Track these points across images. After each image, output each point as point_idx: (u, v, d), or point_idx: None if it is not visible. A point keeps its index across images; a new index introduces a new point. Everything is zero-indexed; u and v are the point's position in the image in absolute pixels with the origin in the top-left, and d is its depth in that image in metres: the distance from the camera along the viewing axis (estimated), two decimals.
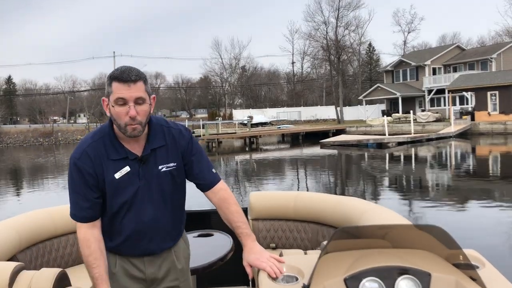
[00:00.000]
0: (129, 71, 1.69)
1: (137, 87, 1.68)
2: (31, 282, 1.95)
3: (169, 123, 1.89)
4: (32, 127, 54.41)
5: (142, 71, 1.76)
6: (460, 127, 29.89)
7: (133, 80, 1.68)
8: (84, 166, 1.74)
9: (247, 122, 41.50)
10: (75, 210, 1.77)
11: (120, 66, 1.74)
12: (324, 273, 1.58)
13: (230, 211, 1.90)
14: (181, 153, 1.87)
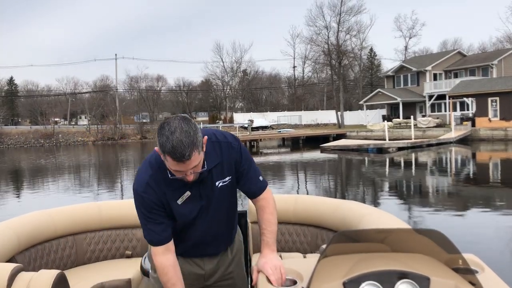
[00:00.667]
0: (181, 149, 1.61)
1: (191, 161, 1.65)
2: (29, 284, 1.94)
3: (218, 137, 1.91)
4: (33, 128, 54.43)
5: (194, 136, 1.64)
6: (461, 133, 29.87)
7: (187, 158, 1.64)
8: (149, 197, 1.83)
9: (247, 126, 41.51)
10: (151, 236, 1.87)
11: (167, 131, 1.62)
12: (323, 276, 1.58)
13: (262, 218, 2.02)
14: (234, 165, 1.94)
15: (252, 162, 2.00)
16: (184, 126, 1.63)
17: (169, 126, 1.63)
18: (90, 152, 35.93)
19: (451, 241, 1.56)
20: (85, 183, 16.22)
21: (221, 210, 1.98)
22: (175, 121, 1.64)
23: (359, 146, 26.43)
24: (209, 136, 1.86)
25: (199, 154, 1.67)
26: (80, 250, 3.38)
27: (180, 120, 1.66)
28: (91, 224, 3.44)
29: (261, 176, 2.01)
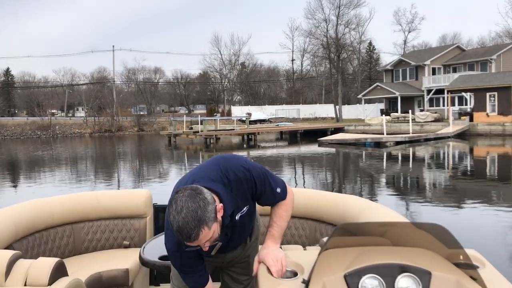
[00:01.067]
0: (187, 230, 1.58)
1: (200, 239, 1.63)
2: (28, 271, 1.94)
3: (230, 178, 1.86)
4: (30, 119, 54.26)
5: (202, 214, 1.60)
6: (459, 128, 29.91)
7: (194, 239, 1.62)
8: (183, 254, 1.85)
9: (245, 119, 41.48)
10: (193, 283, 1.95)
11: (176, 214, 1.59)
12: (324, 269, 1.57)
13: (275, 212, 2.05)
14: (250, 194, 1.96)
15: (267, 178, 1.97)
16: (191, 205, 1.59)
17: (176, 205, 1.60)
18: (87, 144, 35.86)
19: (453, 236, 1.55)
20: (83, 174, 16.17)
21: (243, 231, 2.09)
22: (182, 198, 1.60)
23: (357, 140, 26.45)
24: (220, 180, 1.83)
25: (210, 229, 1.63)
26: (78, 239, 3.38)
27: (188, 197, 1.61)
28: (88, 214, 3.44)
29: (279, 187, 2.00)
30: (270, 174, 2.01)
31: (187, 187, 1.66)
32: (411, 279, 1.49)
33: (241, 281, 2.25)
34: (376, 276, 1.49)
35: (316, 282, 1.53)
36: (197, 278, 1.94)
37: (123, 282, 3.04)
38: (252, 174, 1.90)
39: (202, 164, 1.96)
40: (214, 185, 1.78)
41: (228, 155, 1.95)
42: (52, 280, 1.95)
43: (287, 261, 1.86)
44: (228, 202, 1.81)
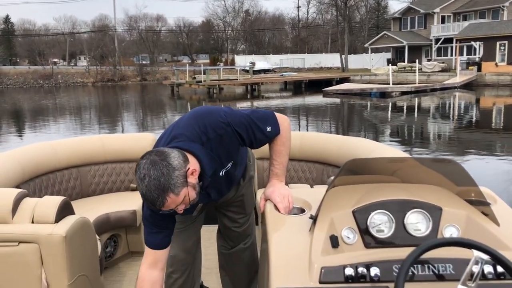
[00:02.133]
0: (152, 198, 1.50)
1: (166, 205, 1.54)
2: (34, 209, 1.95)
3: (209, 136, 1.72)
4: (31, 68, 53.81)
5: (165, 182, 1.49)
6: (466, 78, 29.42)
7: (160, 206, 1.53)
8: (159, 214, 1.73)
9: (249, 69, 40.91)
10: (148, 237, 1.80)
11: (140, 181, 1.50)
12: (332, 205, 1.55)
13: (273, 149, 1.95)
14: (236, 146, 1.83)
15: (252, 123, 1.82)
16: (153, 173, 1.48)
17: (140, 172, 1.50)
18: (91, 93, 35.72)
19: (466, 171, 1.52)
20: (87, 123, 16.21)
21: (232, 181, 2.00)
22: (145, 166, 1.50)
23: (362, 90, 26.16)
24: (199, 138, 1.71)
25: (178, 195, 1.53)
26: (85, 182, 3.42)
27: (150, 164, 1.50)
28: (94, 157, 3.47)
29: (268, 126, 1.86)
30: (256, 115, 1.85)
31: (152, 152, 1.55)
32: (421, 215, 1.47)
33: (237, 219, 2.23)
34: (385, 212, 1.47)
35: (323, 218, 1.51)
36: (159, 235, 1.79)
37: (130, 223, 3.09)
38: (233, 127, 1.78)
39: (182, 118, 1.82)
40: (191, 146, 1.67)
41: (206, 109, 1.80)
42: (59, 218, 1.96)
43: (294, 198, 1.84)
44: (207, 163, 1.71)
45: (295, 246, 1.46)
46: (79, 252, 2.03)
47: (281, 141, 1.94)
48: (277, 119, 1.90)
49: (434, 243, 1.22)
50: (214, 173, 1.79)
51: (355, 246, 1.45)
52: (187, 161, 1.58)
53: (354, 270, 1.32)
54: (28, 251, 1.87)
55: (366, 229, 1.46)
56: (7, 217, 1.90)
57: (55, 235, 1.87)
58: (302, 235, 1.52)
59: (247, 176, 2.18)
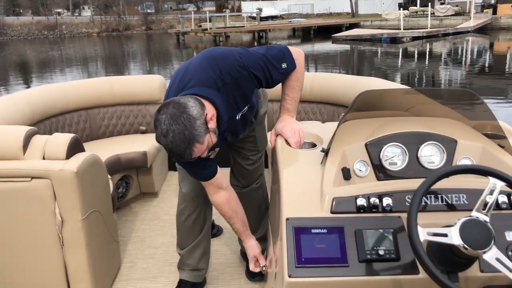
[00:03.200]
0: (180, 151, 1.51)
1: (194, 155, 1.56)
2: (45, 145, 1.97)
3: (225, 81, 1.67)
4: (35, 19, 52.81)
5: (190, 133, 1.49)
6: (480, 21, 28.44)
7: (188, 158, 1.56)
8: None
9: (256, 16, 39.81)
10: (202, 174, 1.86)
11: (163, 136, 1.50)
12: (344, 139, 1.54)
13: (286, 84, 1.90)
14: (253, 88, 1.80)
15: (268, 63, 1.76)
16: (176, 127, 1.48)
17: (161, 128, 1.49)
18: (96, 44, 35.22)
19: (485, 103, 1.48)
20: (94, 72, 16.12)
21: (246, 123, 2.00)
22: (166, 121, 1.49)
23: (372, 36, 25.49)
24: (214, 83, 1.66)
25: (203, 143, 1.54)
26: (94, 124, 3.44)
27: (171, 119, 1.48)
28: (103, 99, 3.47)
29: (284, 63, 1.81)
30: (272, 53, 1.79)
31: (169, 104, 1.51)
32: (435, 147, 1.46)
33: (249, 156, 2.25)
34: (399, 144, 1.45)
35: (335, 151, 1.50)
36: (206, 169, 1.87)
37: (141, 164, 3.13)
38: (249, 70, 1.72)
39: (192, 61, 1.74)
40: (207, 92, 1.64)
41: (220, 51, 1.72)
42: (70, 155, 1.98)
43: (305, 133, 1.83)
44: (223, 109, 1.69)
45: (306, 179, 1.46)
46: (91, 188, 2.06)
47: (295, 76, 1.88)
48: (292, 54, 1.84)
49: (448, 171, 1.20)
50: (230, 117, 1.79)
51: (367, 178, 1.45)
52: (203, 107, 1.56)
53: (366, 201, 1.33)
54: (41, 187, 1.91)
55: (378, 162, 1.46)
56: (18, 153, 1.92)
57: (67, 171, 1.90)
58: (314, 168, 1.52)
59: (259, 114, 2.17)
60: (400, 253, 1.27)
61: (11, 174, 1.90)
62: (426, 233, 1.14)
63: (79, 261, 2.04)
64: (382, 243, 1.27)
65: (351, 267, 1.25)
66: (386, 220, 1.31)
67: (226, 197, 1.94)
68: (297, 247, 1.27)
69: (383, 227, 1.30)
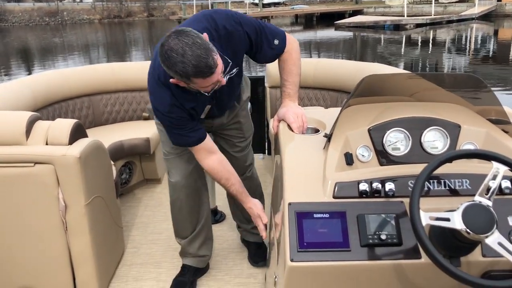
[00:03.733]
0: (205, 62, 1.47)
1: (218, 67, 1.53)
2: (48, 131, 1.97)
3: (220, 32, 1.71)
4: (36, 5, 52.49)
5: (203, 42, 1.47)
6: (485, 8, 28.17)
7: (215, 66, 1.51)
8: (177, 115, 1.77)
9: (258, 2, 39.48)
10: (191, 138, 1.83)
11: (180, 60, 1.46)
12: (347, 124, 1.54)
13: (284, 69, 1.94)
14: (243, 50, 1.82)
15: (262, 30, 1.82)
16: (188, 40, 1.44)
17: (175, 51, 1.45)
18: (98, 31, 35.05)
19: (489, 88, 1.47)
20: (95, 60, 16.07)
21: (231, 94, 2.00)
22: (177, 43, 1.45)
23: (375, 23, 25.30)
24: (209, 34, 1.67)
25: (217, 56, 1.52)
26: (97, 111, 3.44)
27: (181, 38, 1.45)
28: (105, 85, 3.46)
29: (276, 39, 1.86)
30: (268, 25, 1.85)
31: (169, 35, 1.48)
32: (438, 133, 1.45)
33: (236, 143, 2.24)
34: (402, 129, 1.45)
35: (338, 136, 1.50)
36: (195, 132, 1.84)
37: (144, 150, 3.14)
38: (243, 28, 1.75)
39: (189, 18, 1.77)
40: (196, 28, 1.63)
41: (217, 9, 1.78)
42: (73, 140, 1.98)
43: (308, 119, 1.83)
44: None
45: (309, 164, 1.46)
46: (94, 174, 2.07)
47: (292, 61, 1.91)
48: (286, 37, 1.89)
49: (451, 155, 1.20)
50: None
51: (370, 163, 1.45)
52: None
53: (369, 185, 1.33)
54: (44, 172, 1.92)
55: (381, 147, 1.45)
56: (21, 138, 1.93)
57: (70, 156, 1.90)
58: (316, 153, 1.52)
59: (241, 99, 2.16)
60: (402, 238, 1.27)
61: (14, 160, 1.90)
62: (429, 218, 1.14)
63: (83, 246, 2.06)
64: (384, 228, 1.27)
65: (353, 251, 1.26)
66: (389, 205, 1.31)
67: (219, 159, 1.91)
68: (299, 232, 1.28)
69: (385, 212, 1.30)
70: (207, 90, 1.61)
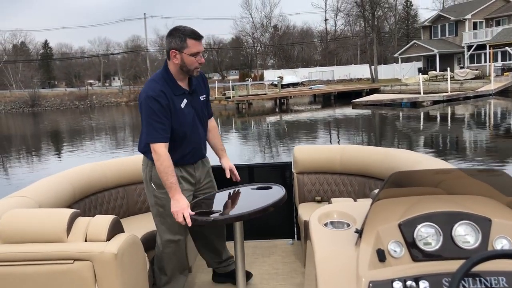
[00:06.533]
0: (196, 31, 2.36)
1: (202, 43, 2.40)
2: (87, 227, 2.04)
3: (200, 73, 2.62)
4: (68, 90, 55.60)
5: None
6: (501, 85, 28.53)
7: (201, 37, 2.37)
8: (162, 101, 2.36)
9: (277, 83, 41.00)
10: (158, 135, 2.37)
11: (184, 27, 2.37)
12: (377, 219, 1.55)
13: (217, 135, 2.83)
14: (205, 89, 2.68)
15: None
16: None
17: (180, 26, 2.37)
18: (124, 112, 36.61)
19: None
20: (121, 142, 16.62)
21: (204, 120, 2.65)
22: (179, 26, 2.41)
23: (392, 101, 25.76)
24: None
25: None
26: (131, 200, 3.53)
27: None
28: (140, 176, 3.55)
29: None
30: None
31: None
32: (469, 227, 1.44)
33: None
34: (432, 224, 1.45)
35: (369, 231, 1.51)
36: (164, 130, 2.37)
37: None
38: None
39: None
40: None
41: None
42: (110, 236, 2.05)
43: (338, 213, 1.85)
44: (196, 77, 2.60)
45: (341, 261, 1.47)
46: (129, 269, 2.11)
47: (217, 131, 2.87)
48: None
49: (487, 255, 1.19)
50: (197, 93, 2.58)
51: (402, 259, 1.44)
52: None
53: (403, 284, 1.32)
54: (82, 269, 1.95)
55: (413, 242, 1.45)
56: (62, 236, 1.99)
57: (108, 253, 1.95)
58: (348, 250, 1.54)
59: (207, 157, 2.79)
60: None
61: (56, 257, 1.95)
62: None
63: None
64: None
65: None
66: None
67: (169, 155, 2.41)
68: None
69: None
70: (196, 63, 2.38)
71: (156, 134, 2.35)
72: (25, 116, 38.46)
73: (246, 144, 14.51)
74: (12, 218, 2.05)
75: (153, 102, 2.33)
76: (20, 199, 2.50)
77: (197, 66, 2.40)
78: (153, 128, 2.35)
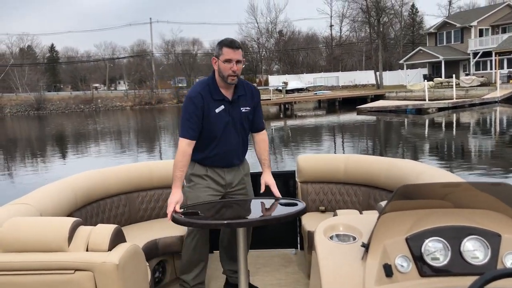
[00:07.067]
0: (235, 41, 2.57)
1: (239, 52, 2.57)
2: (89, 237, 2.02)
3: (248, 82, 2.85)
4: (73, 94, 55.89)
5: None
6: (507, 92, 28.43)
7: (237, 47, 2.56)
8: (197, 102, 2.59)
9: (282, 89, 41.04)
10: (187, 132, 2.60)
11: (226, 38, 2.60)
12: (384, 232, 1.53)
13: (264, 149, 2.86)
14: (253, 103, 2.77)
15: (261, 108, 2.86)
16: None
17: (226, 38, 2.60)
18: (129, 117, 36.74)
19: None
20: (127, 147, 16.67)
21: (241, 130, 2.73)
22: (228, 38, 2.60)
23: (397, 107, 25.71)
24: (243, 80, 2.78)
25: (242, 54, 2.56)
26: (133, 208, 3.50)
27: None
28: (142, 184, 3.55)
29: (263, 120, 2.89)
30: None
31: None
32: (478, 242, 1.41)
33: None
34: (440, 239, 1.42)
35: (376, 245, 1.49)
36: (194, 129, 2.59)
37: (178, 249, 3.15)
38: (259, 93, 2.84)
39: None
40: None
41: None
42: (112, 246, 2.03)
43: (344, 225, 1.82)
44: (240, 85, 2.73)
45: (347, 276, 1.45)
46: (131, 279, 2.08)
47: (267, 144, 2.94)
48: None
49: (501, 273, 1.14)
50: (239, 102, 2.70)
51: (409, 275, 1.41)
52: None
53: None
54: (83, 279, 1.93)
55: (420, 257, 1.42)
56: (63, 245, 1.97)
57: (109, 263, 1.93)
58: (355, 264, 1.51)
59: (246, 163, 2.90)
60: None
61: (56, 267, 1.94)
62: None
63: None
64: None
65: None
66: None
67: (190, 152, 2.63)
68: None
69: None
70: (229, 70, 2.52)
71: (183, 130, 2.61)
72: (31, 119, 38.67)
73: (250, 149, 14.34)
74: (13, 226, 2.03)
75: (189, 102, 2.60)
76: (22, 206, 2.48)
77: (230, 74, 2.55)
78: (183, 124, 2.61)
